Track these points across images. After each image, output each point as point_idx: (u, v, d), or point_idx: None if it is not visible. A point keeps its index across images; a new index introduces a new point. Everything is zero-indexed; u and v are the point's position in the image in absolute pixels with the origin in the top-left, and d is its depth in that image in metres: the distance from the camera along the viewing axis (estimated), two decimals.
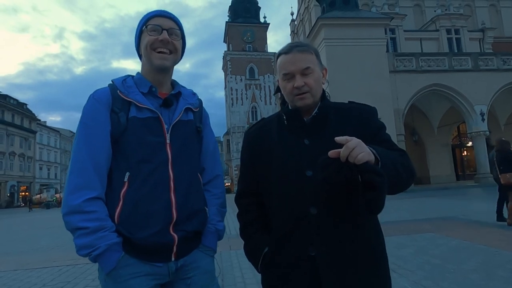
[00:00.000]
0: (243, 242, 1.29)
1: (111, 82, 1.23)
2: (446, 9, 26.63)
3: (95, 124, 1.12)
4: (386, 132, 1.20)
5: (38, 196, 41.47)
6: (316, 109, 1.17)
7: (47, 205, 34.76)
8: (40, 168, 54.09)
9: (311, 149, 1.11)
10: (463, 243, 5.01)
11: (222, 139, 55.22)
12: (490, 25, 28.13)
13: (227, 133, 53.26)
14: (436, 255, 4.40)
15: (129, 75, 1.26)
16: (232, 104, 51.47)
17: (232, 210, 1.35)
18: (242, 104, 51.74)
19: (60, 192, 45.27)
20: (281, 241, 1.14)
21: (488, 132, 20.35)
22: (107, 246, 1.05)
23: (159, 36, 1.19)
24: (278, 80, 1.22)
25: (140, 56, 1.26)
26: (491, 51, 25.20)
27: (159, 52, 1.20)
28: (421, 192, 13.70)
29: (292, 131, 1.18)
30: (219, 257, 4.77)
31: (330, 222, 1.08)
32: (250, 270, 4.10)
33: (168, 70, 1.25)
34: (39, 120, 55.76)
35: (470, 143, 23.55)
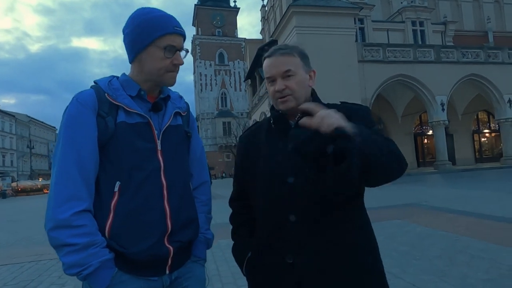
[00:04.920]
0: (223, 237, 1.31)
1: (94, 84, 1.12)
2: (412, 1, 27.48)
3: (81, 130, 1.02)
4: (377, 128, 1.16)
5: None
6: (299, 113, 1.14)
7: (3, 195, 32.80)
8: None
9: (294, 155, 1.08)
10: (427, 229, 5.29)
11: None
12: (451, 18, 29.42)
13: (196, 119, 52.43)
14: (403, 242, 4.61)
15: (113, 76, 1.16)
16: (201, 90, 50.68)
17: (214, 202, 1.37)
18: (211, 90, 51.10)
19: (17, 180, 42.82)
20: (262, 247, 1.15)
21: (447, 122, 21.51)
22: (99, 263, 0.97)
23: (173, 57, 1.10)
24: (266, 84, 1.20)
25: (131, 59, 1.14)
26: (452, 43, 26.44)
27: (171, 71, 1.13)
28: None
29: (278, 135, 1.16)
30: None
31: (310, 230, 1.07)
32: (225, 263, 4.09)
33: None
34: None
35: (430, 132, 24.81)
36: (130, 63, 1.15)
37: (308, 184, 1.05)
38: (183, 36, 1.13)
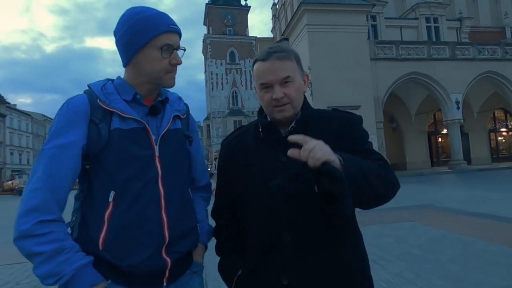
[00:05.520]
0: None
1: (87, 88, 1.07)
2: None
3: (66, 139, 0.97)
4: (369, 140, 1.12)
5: (10, 182, 39.95)
6: (293, 123, 1.08)
7: (20, 192, 33.59)
8: (11, 153, 51.98)
9: (287, 167, 1.01)
10: (441, 232, 5.15)
11: (202, 124, 54.68)
12: (467, 14, 28.69)
13: (207, 118, 52.77)
14: (415, 245, 4.50)
15: (108, 79, 1.11)
16: (212, 88, 50.80)
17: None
18: (222, 89, 51.15)
19: None
20: (254, 267, 1.07)
21: (462, 120, 21.03)
22: (74, 271, 0.91)
23: (171, 57, 1.06)
24: (255, 87, 1.12)
25: (126, 62, 1.09)
26: (468, 40, 25.80)
27: (170, 72, 1.08)
28: (398, 178, 14.09)
29: (268, 145, 1.09)
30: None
31: (305, 249, 1.01)
32: None
33: None
34: (9, 103, 53.21)
35: (445, 130, 24.30)
36: (125, 66, 1.10)
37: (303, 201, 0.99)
38: (179, 34, 1.08)
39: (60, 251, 0.91)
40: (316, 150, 0.84)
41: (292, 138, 0.89)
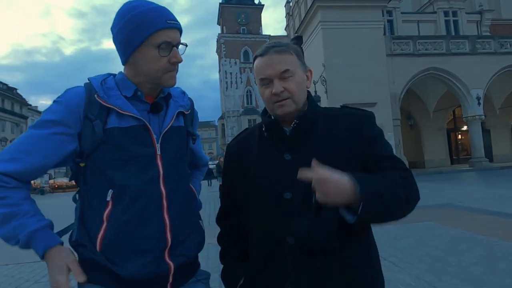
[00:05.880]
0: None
1: (87, 81, 1.03)
2: None
3: (47, 131, 0.95)
4: (385, 139, 1.04)
5: (32, 181, 41.25)
6: (295, 119, 1.03)
7: (42, 191, 34.54)
8: None
9: (292, 166, 0.97)
10: (462, 233, 4.98)
11: (217, 124, 54.99)
12: (488, 7, 27.73)
13: (222, 118, 53.01)
14: (435, 247, 4.36)
15: (110, 74, 1.06)
16: (227, 88, 50.99)
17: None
18: (236, 88, 51.27)
19: (54, 178, 45.08)
20: (256, 273, 1.03)
21: (483, 116, 20.38)
22: (26, 236, 0.90)
23: (170, 55, 1.00)
24: (257, 85, 1.08)
25: (124, 61, 1.04)
26: (489, 34, 24.95)
27: (170, 71, 1.02)
28: (416, 176, 13.62)
29: (272, 144, 1.04)
30: (214, 251, 4.66)
31: (310, 254, 0.95)
32: None
33: None
34: (30, 105, 54.96)
35: (465, 127, 23.62)
36: (123, 65, 1.06)
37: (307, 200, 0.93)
38: (179, 29, 1.02)
39: (14, 215, 0.91)
40: (335, 189, 0.84)
41: (305, 174, 0.86)
